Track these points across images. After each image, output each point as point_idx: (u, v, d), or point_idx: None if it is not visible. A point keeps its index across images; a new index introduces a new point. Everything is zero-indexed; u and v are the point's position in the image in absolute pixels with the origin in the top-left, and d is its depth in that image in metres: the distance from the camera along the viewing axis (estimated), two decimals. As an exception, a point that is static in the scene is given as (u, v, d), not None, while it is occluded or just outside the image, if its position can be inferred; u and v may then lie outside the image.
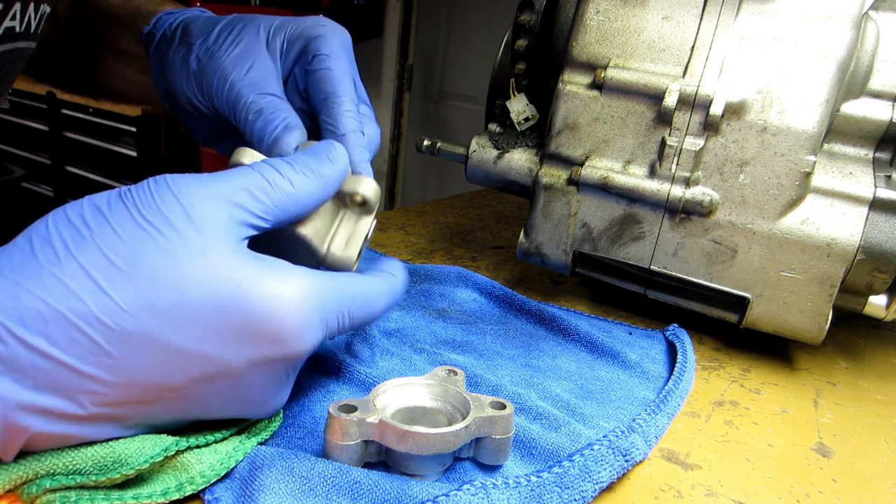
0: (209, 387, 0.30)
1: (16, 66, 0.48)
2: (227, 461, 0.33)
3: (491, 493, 0.31)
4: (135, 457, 0.30)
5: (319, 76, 0.42)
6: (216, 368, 0.30)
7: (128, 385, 0.28)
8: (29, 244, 0.28)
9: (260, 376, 0.31)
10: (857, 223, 0.48)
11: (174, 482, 0.31)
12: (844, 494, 0.39)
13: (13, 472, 0.28)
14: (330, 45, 0.43)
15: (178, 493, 0.31)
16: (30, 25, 0.46)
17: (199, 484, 0.31)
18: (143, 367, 0.28)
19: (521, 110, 0.61)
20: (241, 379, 0.31)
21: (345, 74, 0.42)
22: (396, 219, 0.86)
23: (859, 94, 0.51)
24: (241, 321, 0.29)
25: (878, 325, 0.66)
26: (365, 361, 0.46)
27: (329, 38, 0.43)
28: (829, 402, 0.50)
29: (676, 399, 0.45)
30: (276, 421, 0.37)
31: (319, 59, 0.42)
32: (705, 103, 0.49)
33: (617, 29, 0.53)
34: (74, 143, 2.79)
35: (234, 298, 0.29)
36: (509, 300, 0.58)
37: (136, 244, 0.28)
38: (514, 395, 0.42)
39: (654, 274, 0.55)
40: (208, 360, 0.29)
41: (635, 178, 0.53)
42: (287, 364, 0.32)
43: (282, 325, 0.30)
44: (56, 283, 0.27)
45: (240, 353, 0.30)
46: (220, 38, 0.45)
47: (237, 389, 0.31)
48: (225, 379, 0.30)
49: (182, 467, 0.32)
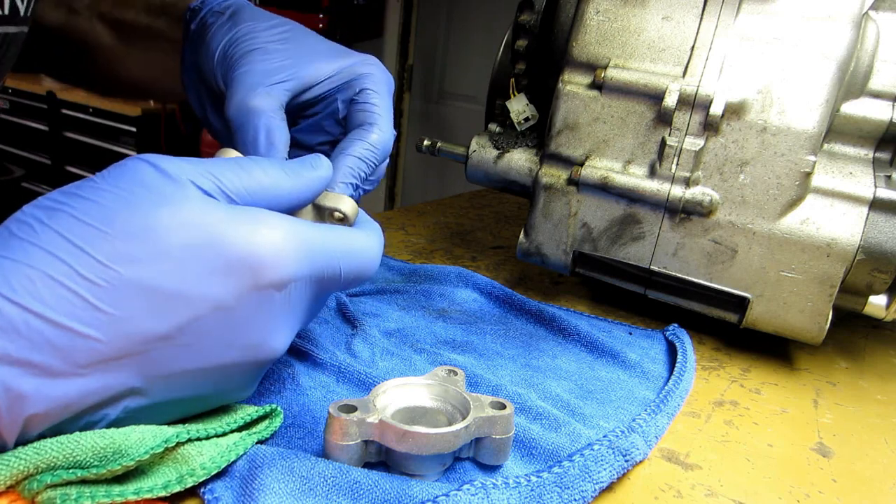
0: (200, 329, 0.30)
1: (7, 54, 0.48)
2: (228, 454, 0.33)
3: (491, 493, 0.31)
4: (135, 448, 0.30)
5: (364, 107, 0.44)
6: (204, 307, 0.30)
7: (120, 336, 0.29)
8: (6, 229, 0.29)
9: (250, 310, 0.31)
10: (857, 223, 0.48)
11: (175, 474, 0.31)
12: (844, 494, 0.39)
13: (13, 467, 0.28)
14: (377, 83, 0.45)
15: (179, 486, 0.30)
16: (16, 9, 0.45)
17: (199, 476, 0.31)
18: (132, 318, 0.29)
19: (521, 110, 0.61)
20: (230, 315, 0.31)
21: (386, 112, 0.45)
22: (396, 219, 0.86)
23: (859, 94, 0.51)
24: (220, 256, 0.30)
25: (878, 325, 0.66)
26: (365, 361, 0.46)
27: (376, 77, 0.45)
28: (829, 402, 0.50)
29: (676, 399, 0.45)
30: (277, 419, 0.37)
31: (365, 94, 0.44)
32: (705, 103, 0.49)
33: (617, 29, 0.53)
34: (74, 143, 2.79)
35: (210, 235, 0.30)
36: (509, 300, 0.58)
37: (109, 205, 0.29)
38: (514, 395, 0.42)
39: (654, 274, 0.55)
40: (194, 300, 0.30)
41: (635, 178, 0.53)
42: (277, 293, 0.32)
43: (260, 249, 0.31)
44: (36, 250, 0.28)
45: (224, 287, 0.30)
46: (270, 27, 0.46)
47: (230, 330, 0.31)
48: (215, 317, 0.30)
49: (183, 459, 0.31)
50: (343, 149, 0.43)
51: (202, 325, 0.30)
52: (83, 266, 0.28)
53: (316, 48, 0.46)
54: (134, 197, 0.30)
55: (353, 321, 0.51)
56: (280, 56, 0.44)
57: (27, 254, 0.28)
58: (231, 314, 0.31)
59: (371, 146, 0.43)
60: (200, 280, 0.30)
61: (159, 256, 0.29)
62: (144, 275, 0.29)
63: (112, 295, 0.28)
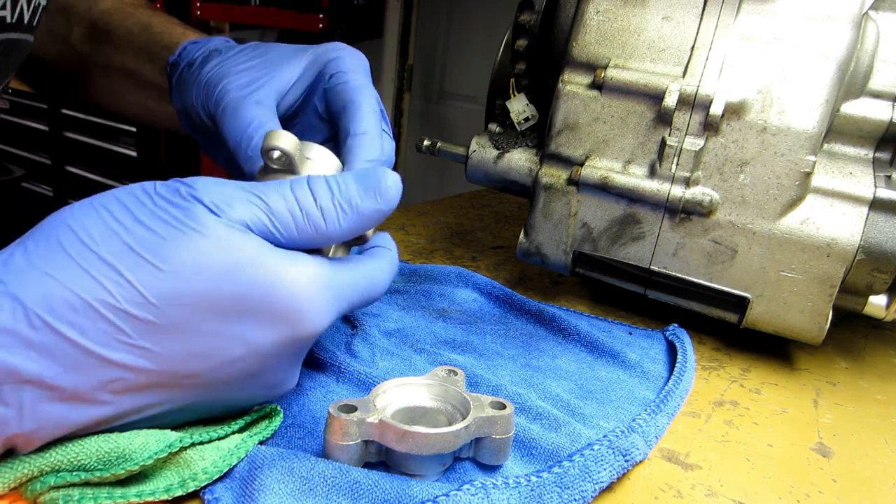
0: (231, 371, 0.31)
1: (10, 60, 0.48)
2: (230, 458, 0.33)
3: (491, 493, 0.31)
4: (139, 452, 0.30)
5: (338, 90, 0.43)
6: (241, 352, 0.31)
7: (154, 373, 0.29)
8: (54, 237, 0.29)
9: (280, 357, 0.32)
10: (857, 223, 0.48)
11: (177, 478, 0.31)
12: (844, 494, 0.39)
13: (18, 470, 0.29)
14: (346, 63, 0.44)
15: (182, 490, 0.31)
16: (23, 16, 0.45)
17: (202, 480, 0.31)
18: (170, 357, 0.29)
19: (521, 110, 0.61)
20: (264, 361, 0.32)
21: (364, 86, 0.43)
22: (396, 219, 0.86)
23: (859, 94, 0.51)
24: (265, 304, 0.30)
25: (878, 325, 0.66)
26: (365, 361, 0.46)
27: (344, 59, 0.44)
28: (829, 402, 0.50)
29: (676, 399, 0.45)
30: (277, 420, 0.37)
31: (337, 76, 0.44)
32: (705, 103, 0.49)
33: (617, 29, 0.53)
34: (74, 143, 2.79)
35: (258, 284, 0.30)
36: (509, 300, 0.58)
37: (162, 237, 0.29)
38: (514, 395, 0.42)
39: (654, 274, 0.55)
40: (234, 344, 0.30)
41: (635, 178, 0.53)
42: (305, 343, 0.33)
43: (303, 304, 0.31)
44: (83, 275, 0.28)
45: (265, 336, 0.31)
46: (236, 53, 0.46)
47: (256, 372, 0.32)
48: (248, 362, 0.31)
49: (185, 464, 0.32)
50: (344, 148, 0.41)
51: (234, 367, 0.31)
52: (128, 300, 0.28)
53: (282, 53, 0.46)
54: (187, 232, 0.29)
55: (352, 321, 0.51)
56: (253, 71, 0.44)
57: (73, 278, 0.28)
58: (264, 360, 0.32)
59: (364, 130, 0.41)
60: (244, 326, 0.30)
61: (208, 298, 0.29)
62: (189, 315, 0.29)
63: (154, 331, 0.29)
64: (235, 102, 0.42)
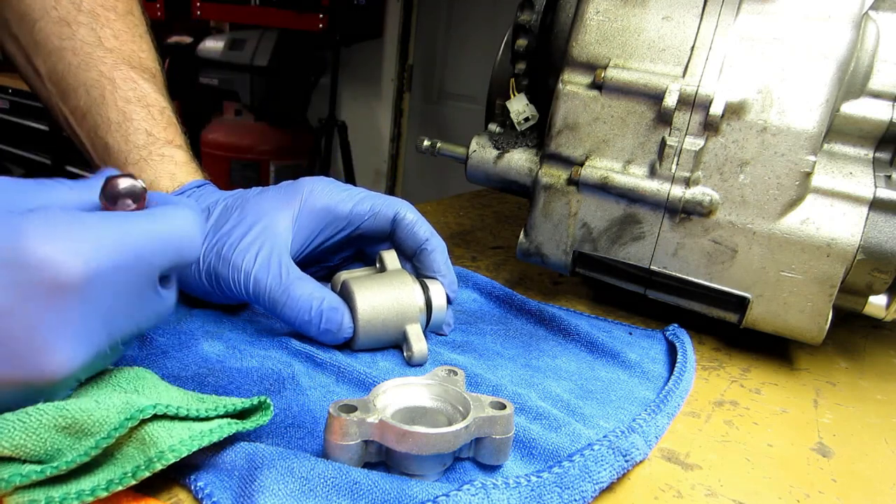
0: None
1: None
2: (201, 439, 0.31)
3: (491, 493, 0.31)
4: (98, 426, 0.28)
5: (410, 232, 0.50)
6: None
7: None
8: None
9: (29, 313, 0.28)
10: (857, 223, 0.48)
11: (142, 458, 0.29)
12: (844, 494, 0.39)
13: None
14: (409, 209, 0.50)
15: (148, 471, 0.29)
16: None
17: (168, 459, 0.29)
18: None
19: (521, 110, 0.61)
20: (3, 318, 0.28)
21: (430, 230, 0.50)
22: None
23: (859, 94, 0.51)
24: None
25: (878, 325, 0.66)
26: (365, 361, 0.46)
27: (406, 206, 0.51)
28: (829, 402, 0.50)
29: (676, 399, 0.45)
30: (267, 414, 0.35)
31: (405, 221, 0.50)
32: (705, 103, 0.49)
33: (617, 29, 0.53)
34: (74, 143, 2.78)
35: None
36: (509, 300, 0.58)
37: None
38: (514, 395, 0.42)
39: (654, 274, 0.55)
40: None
41: (635, 178, 0.53)
42: (66, 293, 0.29)
43: (39, 244, 0.28)
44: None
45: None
46: (225, 226, 0.48)
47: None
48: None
49: (150, 441, 0.29)
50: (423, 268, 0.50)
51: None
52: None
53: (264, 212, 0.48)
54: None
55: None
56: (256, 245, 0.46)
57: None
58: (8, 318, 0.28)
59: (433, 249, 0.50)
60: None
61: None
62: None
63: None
64: (283, 288, 0.45)
